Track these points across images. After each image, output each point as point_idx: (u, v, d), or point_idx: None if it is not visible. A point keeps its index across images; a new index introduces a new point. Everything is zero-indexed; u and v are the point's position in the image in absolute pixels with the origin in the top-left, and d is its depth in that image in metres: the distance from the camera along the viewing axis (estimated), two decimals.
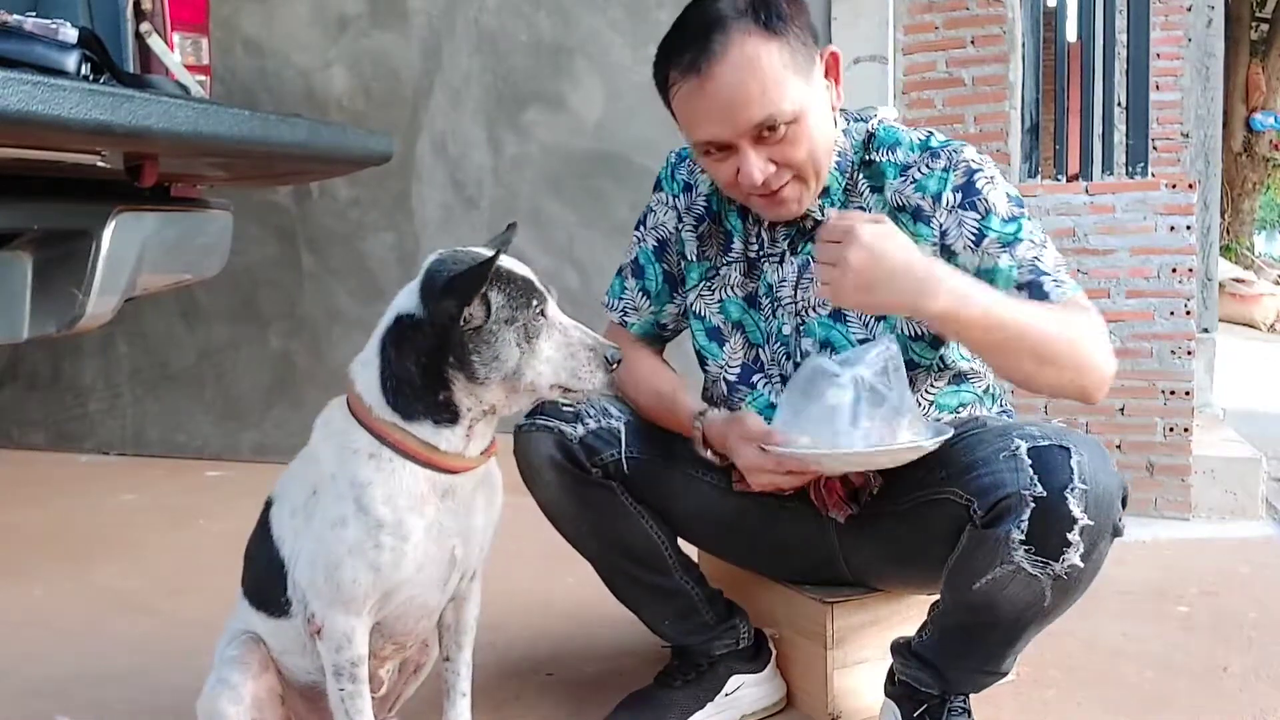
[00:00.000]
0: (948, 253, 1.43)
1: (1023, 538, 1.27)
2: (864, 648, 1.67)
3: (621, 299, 1.70)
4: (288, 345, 3.82)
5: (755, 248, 1.58)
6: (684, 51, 1.36)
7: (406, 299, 1.27)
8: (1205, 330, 4.49)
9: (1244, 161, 12.07)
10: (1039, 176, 3.39)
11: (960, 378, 1.54)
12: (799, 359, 1.54)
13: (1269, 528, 2.89)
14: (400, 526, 1.24)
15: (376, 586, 1.26)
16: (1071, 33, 3.43)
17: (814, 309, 1.53)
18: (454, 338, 1.21)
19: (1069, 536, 1.26)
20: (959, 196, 1.42)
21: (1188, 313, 2.97)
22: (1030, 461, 1.28)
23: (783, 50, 1.34)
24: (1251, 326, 9.53)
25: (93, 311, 2.01)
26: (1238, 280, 9.91)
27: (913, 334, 1.49)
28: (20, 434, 4.16)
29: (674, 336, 1.75)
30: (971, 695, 1.51)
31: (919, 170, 1.45)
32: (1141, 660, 1.95)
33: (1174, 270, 2.97)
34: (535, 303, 1.24)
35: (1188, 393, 2.97)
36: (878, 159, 1.49)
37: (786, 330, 1.55)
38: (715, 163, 1.43)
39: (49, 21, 1.89)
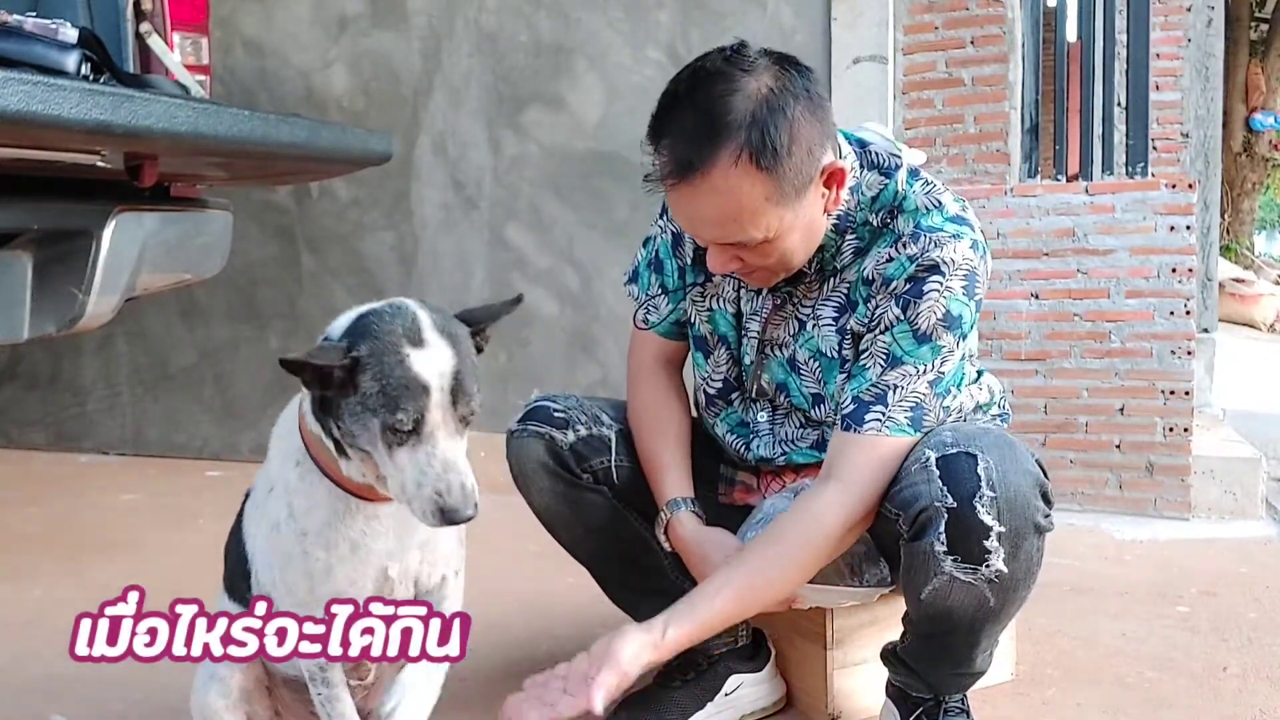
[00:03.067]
0: (866, 329, 1.41)
1: (945, 549, 1.28)
2: (864, 648, 1.67)
3: (647, 294, 1.65)
4: (287, 345, 3.81)
5: None
6: (675, 148, 1.27)
7: (343, 321, 1.18)
8: (1205, 330, 4.49)
9: (1244, 161, 12.06)
10: (1039, 176, 3.39)
11: None
12: (753, 392, 1.56)
13: (1269, 528, 2.89)
14: (320, 537, 1.21)
15: (315, 593, 1.23)
16: (1071, 33, 3.43)
17: (778, 348, 1.52)
18: (329, 395, 1.12)
19: (986, 544, 1.27)
20: (904, 287, 1.36)
21: (1188, 313, 2.97)
22: (939, 471, 1.29)
23: (767, 183, 1.26)
24: (1251, 326, 9.52)
25: (93, 311, 2.01)
26: (1238, 280, 9.91)
27: None
28: (20, 434, 4.16)
29: None
30: (969, 695, 1.51)
31: (897, 248, 1.38)
32: (1141, 660, 1.95)
33: (1174, 270, 2.97)
34: (402, 417, 1.08)
35: (1188, 393, 2.97)
36: (875, 222, 1.41)
37: (748, 360, 1.55)
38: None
39: (49, 21, 1.90)
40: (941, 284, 1.35)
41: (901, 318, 1.36)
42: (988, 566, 1.27)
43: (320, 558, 1.22)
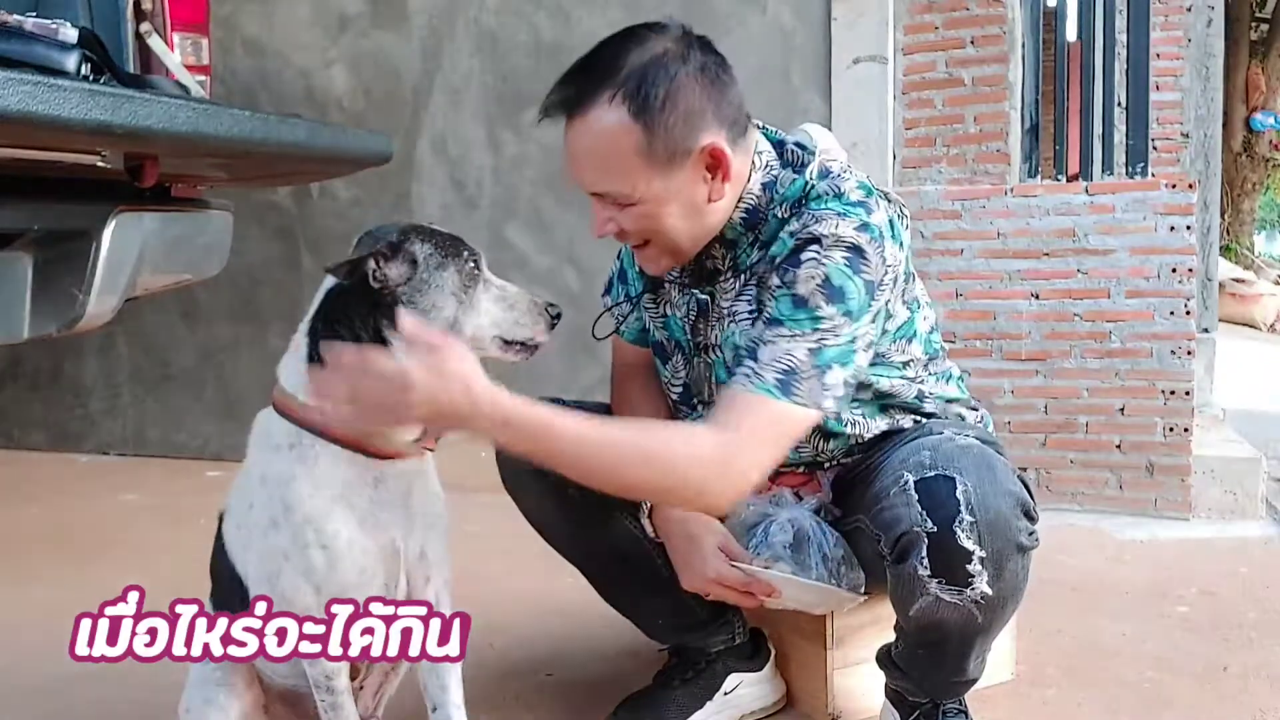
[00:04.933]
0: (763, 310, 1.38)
1: (929, 573, 1.28)
2: (864, 648, 1.67)
3: (617, 304, 1.68)
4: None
5: (674, 273, 1.54)
6: (566, 85, 1.32)
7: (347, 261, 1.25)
8: (1205, 330, 4.48)
9: (1244, 161, 12.05)
10: (1039, 176, 3.39)
11: (882, 395, 1.50)
12: (706, 397, 1.54)
13: (1269, 528, 2.88)
14: (327, 519, 1.20)
15: (321, 593, 1.22)
16: (1071, 33, 3.43)
17: (715, 349, 1.50)
18: (385, 295, 1.19)
19: (969, 568, 1.26)
20: (786, 259, 1.34)
21: (1188, 313, 2.97)
22: (918, 495, 1.28)
23: (638, 136, 1.27)
24: (1251, 326, 9.52)
25: (93, 311, 2.01)
26: (1238, 280, 9.91)
27: None
28: (21, 434, 4.16)
29: None
30: (966, 695, 1.51)
31: (787, 229, 1.37)
32: (1141, 660, 1.95)
33: (1174, 270, 2.97)
34: (467, 254, 1.24)
35: (1188, 393, 2.97)
36: (780, 215, 1.39)
37: (694, 359, 1.55)
38: None
39: (49, 21, 1.89)
40: (819, 253, 1.31)
41: (780, 284, 1.33)
42: (972, 589, 1.27)
43: (324, 545, 1.20)
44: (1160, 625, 2.13)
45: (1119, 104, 3.32)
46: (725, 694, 1.69)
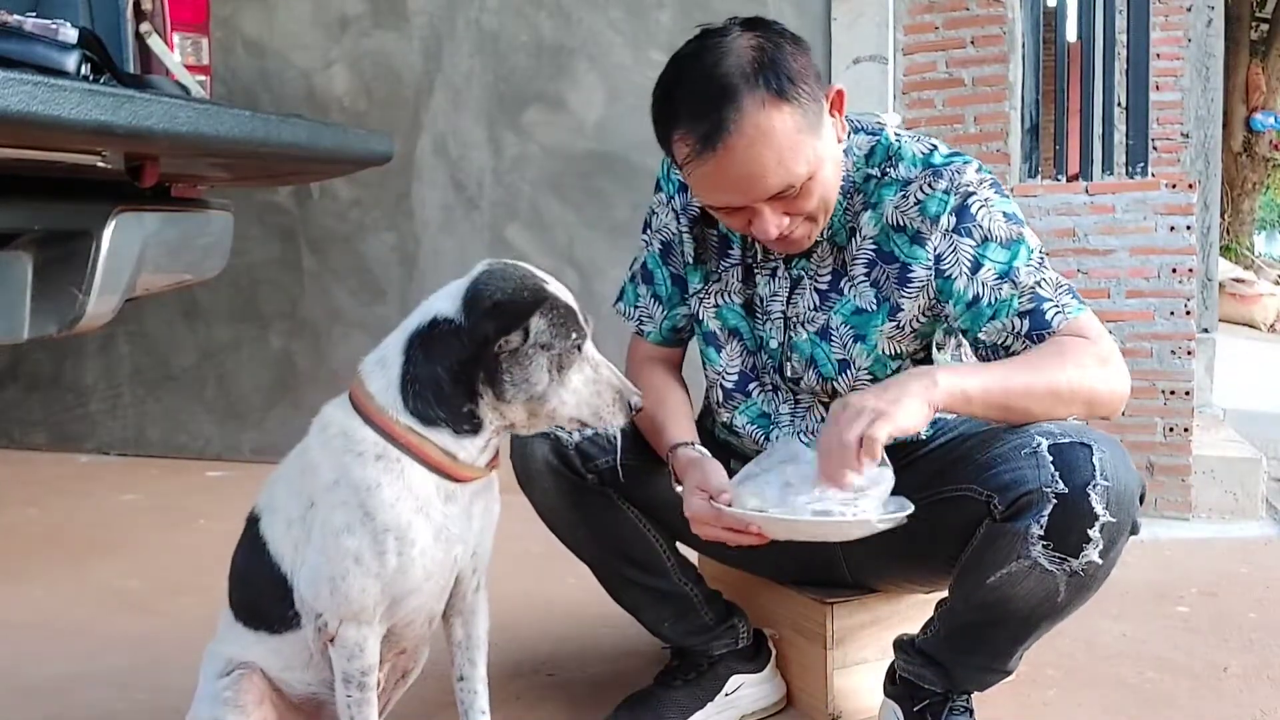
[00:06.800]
0: (942, 276, 1.42)
1: (1041, 533, 1.28)
2: (864, 648, 1.67)
3: (636, 307, 1.68)
4: (289, 345, 3.82)
5: (750, 256, 1.56)
6: (696, 123, 1.31)
7: (446, 303, 1.26)
8: (1205, 330, 4.49)
9: (1244, 161, 12.06)
10: (1039, 176, 3.39)
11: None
12: (787, 373, 1.55)
13: (1269, 528, 2.89)
14: (408, 529, 1.23)
15: (385, 595, 1.25)
16: (1071, 33, 3.43)
17: (803, 325, 1.52)
18: (488, 355, 1.22)
19: (1089, 533, 1.27)
20: (954, 220, 1.41)
21: (1188, 313, 2.97)
22: (1052, 458, 1.29)
23: (795, 114, 1.30)
24: (1251, 326, 9.52)
25: (93, 311, 2.01)
26: (1238, 280, 9.91)
27: (893, 353, 1.49)
28: (21, 434, 4.16)
29: (691, 337, 1.71)
30: (973, 694, 1.51)
31: (921, 189, 1.42)
32: (1141, 660, 1.95)
33: (1174, 270, 2.97)
34: (574, 336, 1.25)
35: (1188, 393, 2.97)
36: (876, 174, 1.46)
37: (774, 344, 1.55)
38: (726, 216, 1.42)
39: (49, 22, 1.89)
40: (980, 200, 1.41)
41: (977, 243, 1.40)
42: (1081, 556, 1.27)
43: (399, 552, 1.23)
44: (1160, 625, 2.13)
45: (1119, 104, 3.32)
46: (726, 695, 1.69)
